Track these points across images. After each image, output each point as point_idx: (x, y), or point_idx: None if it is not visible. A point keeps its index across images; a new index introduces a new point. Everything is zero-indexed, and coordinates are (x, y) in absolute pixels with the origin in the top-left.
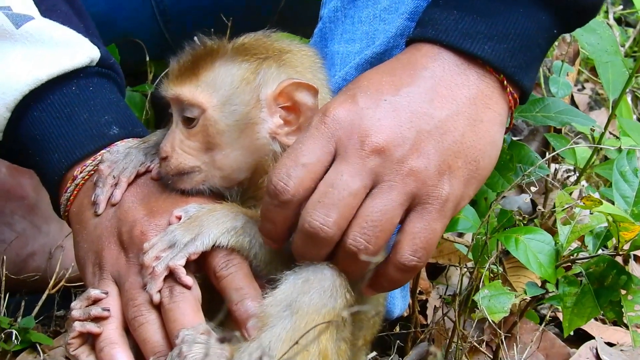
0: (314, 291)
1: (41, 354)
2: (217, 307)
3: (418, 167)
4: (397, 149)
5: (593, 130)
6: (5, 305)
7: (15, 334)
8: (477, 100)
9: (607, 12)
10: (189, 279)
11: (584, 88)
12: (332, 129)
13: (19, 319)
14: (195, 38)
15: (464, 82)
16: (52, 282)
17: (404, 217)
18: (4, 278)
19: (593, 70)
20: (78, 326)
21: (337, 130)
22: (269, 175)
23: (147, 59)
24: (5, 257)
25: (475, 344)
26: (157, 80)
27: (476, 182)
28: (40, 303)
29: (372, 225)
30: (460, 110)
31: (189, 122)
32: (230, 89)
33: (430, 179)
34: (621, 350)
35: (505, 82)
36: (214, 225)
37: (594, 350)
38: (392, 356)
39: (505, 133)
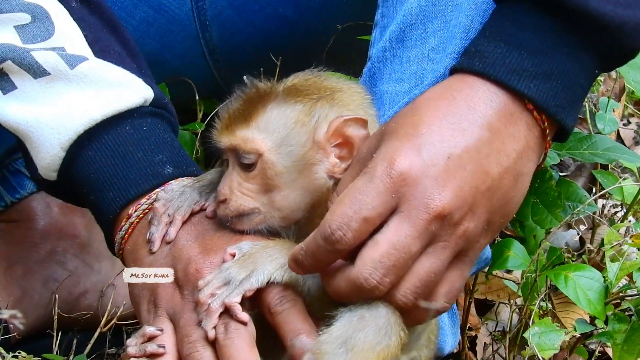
0: (369, 328)
1: None
2: (270, 345)
3: (470, 229)
4: (457, 212)
5: None
6: (57, 344)
7: None
8: (523, 155)
9: None
10: (245, 315)
11: (629, 122)
12: (397, 185)
13: (71, 357)
14: (246, 79)
15: (515, 134)
16: (104, 320)
17: None
18: (56, 316)
19: (639, 104)
20: None
21: (403, 187)
22: (327, 219)
23: (197, 97)
24: (57, 295)
25: None
26: (207, 119)
27: (500, 230)
28: (92, 341)
29: (424, 284)
30: (510, 166)
31: (247, 167)
32: (285, 131)
33: (476, 237)
34: None
35: (547, 131)
36: (268, 262)
37: None
38: None
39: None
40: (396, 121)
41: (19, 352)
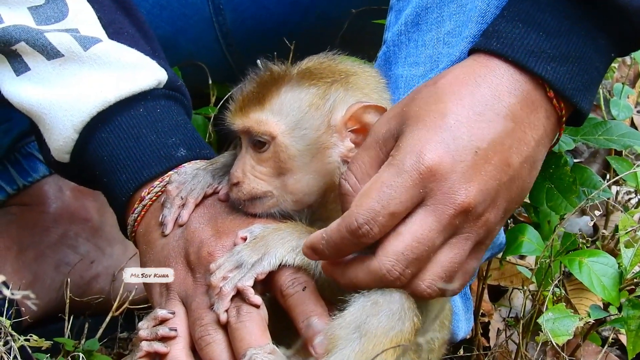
0: (382, 314)
1: None
2: (282, 328)
3: (490, 219)
4: (481, 205)
5: None
6: (69, 328)
7: (80, 356)
8: (540, 143)
9: None
10: (257, 299)
11: None
12: (426, 180)
13: (83, 341)
14: (259, 63)
15: (535, 123)
16: (115, 304)
17: None
18: (68, 300)
19: None
20: (145, 346)
21: (431, 182)
22: (353, 211)
23: (210, 81)
24: (69, 279)
25: None
26: (220, 103)
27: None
28: (104, 325)
29: (448, 274)
30: (529, 155)
31: (259, 147)
32: (299, 114)
33: (495, 226)
34: None
35: (564, 118)
36: (280, 245)
37: None
38: None
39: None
40: (420, 105)
41: (31, 336)
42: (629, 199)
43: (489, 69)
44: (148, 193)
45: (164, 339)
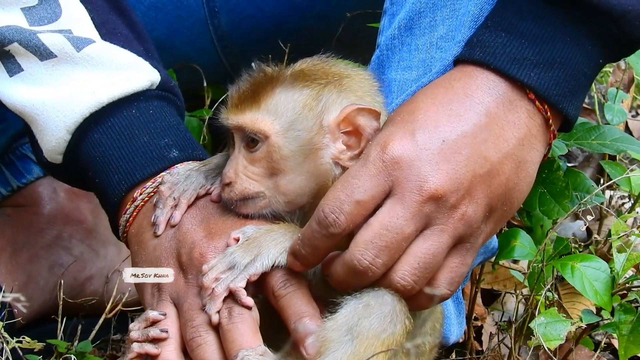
0: (374, 316)
1: None
2: (274, 331)
3: (469, 213)
4: (453, 195)
5: None
6: (62, 329)
7: (73, 358)
8: (524, 141)
9: None
10: (249, 300)
11: (638, 114)
12: (390, 168)
13: (76, 343)
14: (253, 64)
15: (515, 121)
16: (109, 306)
17: None
18: (61, 302)
19: None
20: (136, 347)
21: (395, 170)
22: (321, 203)
23: (205, 84)
24: (63, 281)
25: None
26: (215, 105)
27: (506, 220)
28: (97, 327)
29: (422, 267)
30: (510, 152)
31: (252, 146)
32: (293, 115)
33: (476, 222)
34: None
35: (550, 120)
36: (272, 246)
37: None
38: None
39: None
40: (396, 110)
41: (23, 337)
42: (623, 204)
43: (466, 73)
44: (140, 194)
45: (155, 341)
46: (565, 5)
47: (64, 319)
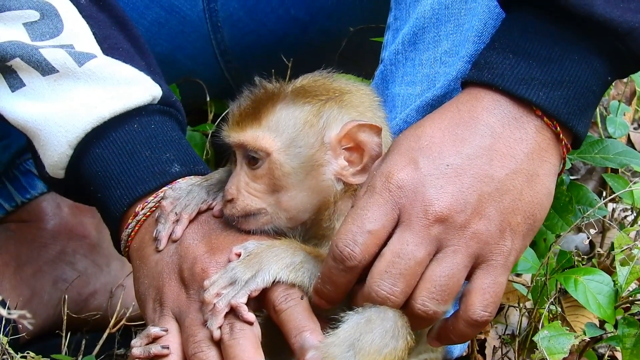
0: (376, 331)
1: None
2: (276, 347)
3: (480, 230)
4: (460, 215)
5: None
6: (66, 344)
7: None
8: (534, 155)
9: None
10: (251, 316)
11: None
12: (396, 196)
13: (80, 358)
14: (255, 80)
15: (522, 137)
16: (112, 321)
17: (470, 273)
18: (65, 317)
19: None
20: None
21: (401, 198)
22: (334, 240)
23: (208, 98)
24: (67, 296)
25: None
26: (218, 120)
27: (533, 233)
28: (101, 342)
29: (440, 290)
30: (519, 167)
31: (253, 163)
32: (294, 132)
33: (493, 239)
34: None
35: (560, 135)
36: (274, 261)
37: None
38: None
39: (558, 176)
40: (402, 134)
41: (28, 353)
42: (625, 217)
43: (472, 95)
44: (142, 208)
45: (156, 357)
46: (570, 23)
47: (68, 334)
